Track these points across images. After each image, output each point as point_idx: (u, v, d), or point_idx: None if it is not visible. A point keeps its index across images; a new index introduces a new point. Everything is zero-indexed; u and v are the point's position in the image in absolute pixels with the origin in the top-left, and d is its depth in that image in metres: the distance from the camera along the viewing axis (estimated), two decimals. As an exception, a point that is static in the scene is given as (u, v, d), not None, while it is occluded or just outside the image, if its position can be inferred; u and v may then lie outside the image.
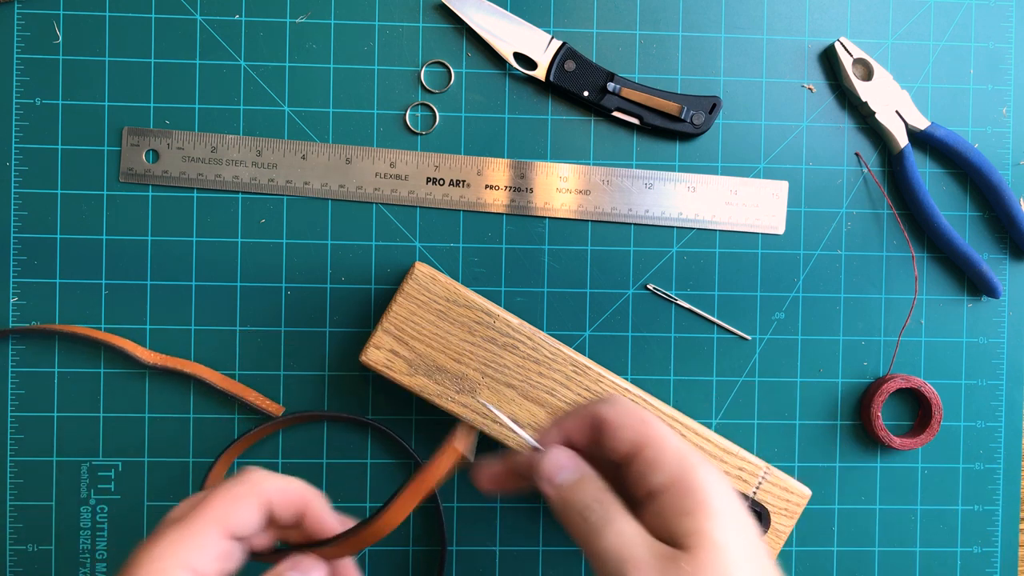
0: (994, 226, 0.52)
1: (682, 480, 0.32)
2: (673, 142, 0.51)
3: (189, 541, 0.31)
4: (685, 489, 0.31)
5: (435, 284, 0.46)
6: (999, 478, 0.52)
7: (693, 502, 0.31)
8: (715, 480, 0.32)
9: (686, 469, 0.32)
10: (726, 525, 0.30)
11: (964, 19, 0.52)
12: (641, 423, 0.34)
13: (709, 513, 0.31)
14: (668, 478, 0.32)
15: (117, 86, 0.49)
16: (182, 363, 0.49)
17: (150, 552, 0.31)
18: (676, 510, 0.31)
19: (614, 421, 0.34)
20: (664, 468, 0.32)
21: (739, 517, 0.31)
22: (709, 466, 0.33)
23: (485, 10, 0.49)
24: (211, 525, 0.32)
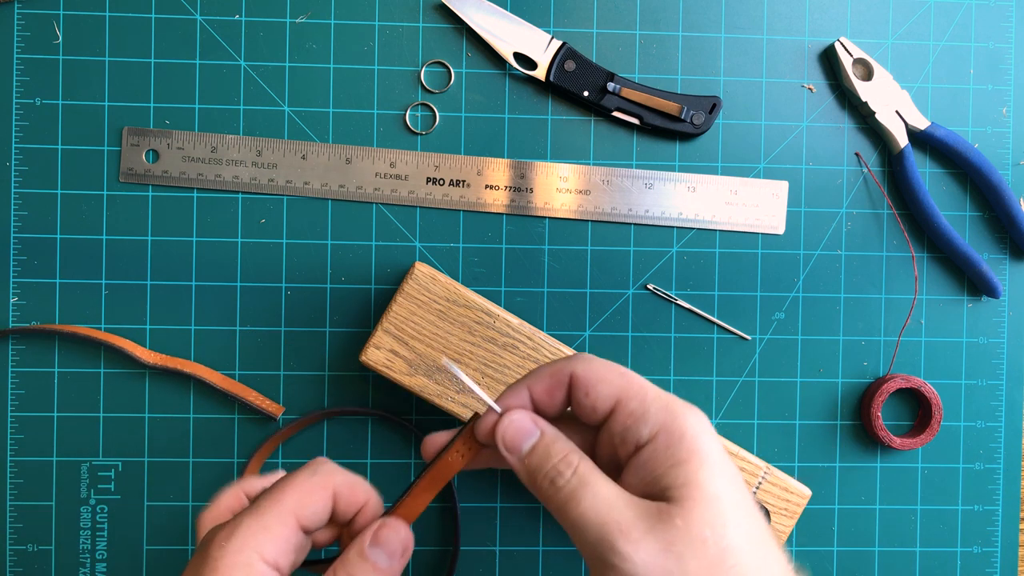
0: (994, 226, 0.52)
1: (670, 428, 0.29)
2: (673, 142, 0.51)
3: (267, 532, 0.30)
4: (674, 437, 0.29)
5: (435, 284, 0.46)
6: (999, 478, 0.52)
7: (684, 450, 0.29)
8: (703, 426, 0.30)
9: (674, 415, 0.29)
10: (718, 473, 0.28)
11: (964, 19, 0.52)
12: (620, 376, 0.31)
13: (701, 461, 0.28)
14: (655, 427, 0.29)
15: (117, 86, 0.49)
16: (182, 363, 0.49)
17: (231, 543, 0.29)
18: (666, 461, 0.29)
19: (590, 377, 0.31)
20: (650, 417, 0.30)
21: (728, 465, 0.29)
22: (695, 412, 0.30)
23: (485, 10, 0.49)
24: (287, 516, 0.31)
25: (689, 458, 0.28)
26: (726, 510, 0.28)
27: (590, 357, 0.32)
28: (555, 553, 0.50)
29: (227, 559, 0.29)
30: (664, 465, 0.29)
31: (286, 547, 0.30)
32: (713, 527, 0.27)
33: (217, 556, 0.29)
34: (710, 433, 0.30)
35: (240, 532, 0.30)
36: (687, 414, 0.30)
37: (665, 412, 0.30)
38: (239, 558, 0.29)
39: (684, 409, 0.30)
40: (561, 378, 0.32)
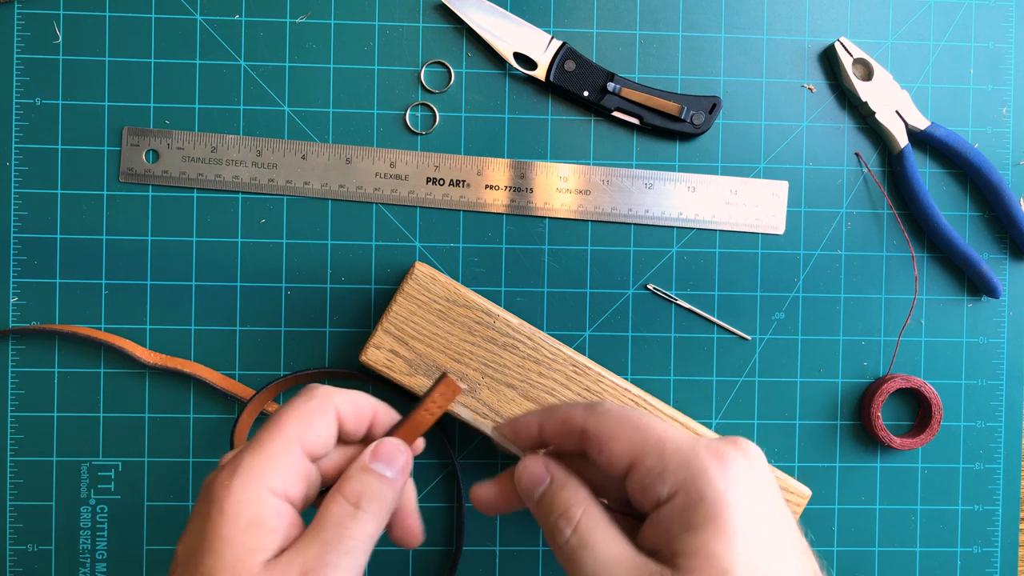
0: (994, 226, 0.52)
1: (689, 488, 0.27)
2: (673, 142, 0.51)
3: (272, 463, 0.29)
4: (692, 498, 0.26)
5: (435, 284, 0.46)
6: (999, 478, 0.52)
7: (702, 515, 0.26)
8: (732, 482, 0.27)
9: (695, 473, 0.27)
10: (738, 543, 0.25)
11: (964, 19, 0.52)
12: (634, 431, 0.29)
13: (718, 529, 0.26)
14: (674, 486, 0.27)
15: (117, 86, 0.49)
16: (182, 363, 0.49)
17: (235, 481, 0.28)
18: (681, 524, 0.26)
19: (602, 434, 0.29)
20: (668, 476, 0.27)
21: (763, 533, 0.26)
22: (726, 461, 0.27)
23: (485, 10, 0.49)
24: (291, 444, 0.29)
25: (706, 524, 0.26)
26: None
27: (605, 410, 0.30)
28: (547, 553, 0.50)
29: (233, 498, 0.28)
30: (679, 528, 0.26)
31: (294, 477, 0.29)
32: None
33: (223, 497, 0.28)
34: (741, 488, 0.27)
35: (243, 469, 0.28)
36: (711, 471, 0.27)
37: (685, 470, 0.27)
38: (246, 495, 0.28)
39: (708, 464, 0.27)
40: (572, 429, 0.30)
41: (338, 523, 0.29)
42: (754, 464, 0.28)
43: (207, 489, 0.29)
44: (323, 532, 0.28)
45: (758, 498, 0.27)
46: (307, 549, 0.28)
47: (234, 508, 0.28)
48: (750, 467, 0.27)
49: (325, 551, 0.28)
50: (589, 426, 0.30)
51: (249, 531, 0.27)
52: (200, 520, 0.28)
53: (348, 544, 0.28)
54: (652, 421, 0.29)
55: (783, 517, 0.27)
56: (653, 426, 0.29)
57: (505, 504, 0.33)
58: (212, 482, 0.29)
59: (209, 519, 0.28)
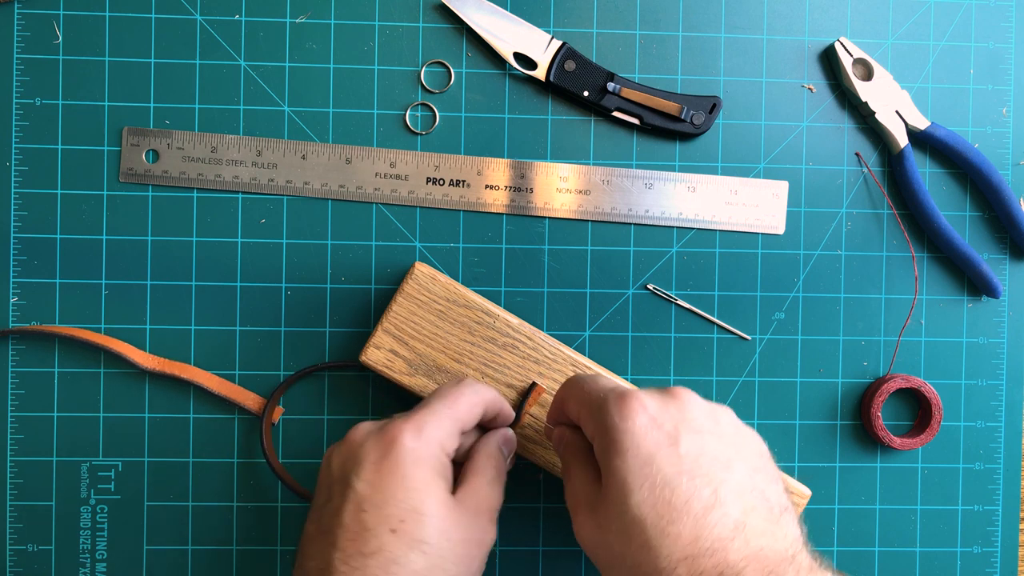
0: (994, 226, 0.52)
1: (599, 426, 0.35)
2: (673, 142, 0.51)
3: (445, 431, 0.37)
4: (601, 434, 0.35)
5: (435, 284, 0.46)
6: (999, 478, 0.52)
7: (606, 443, 0.35)
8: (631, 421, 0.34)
9: (603, 415, 0.35)
10: (630, 459, 0.33)
11: (964, 19, 0.52)
12: (567, 387, 0.39)
13: (617, 450, 0.34)
14: (592, 428, 0.36)
15: (117, 86, 0.49)
16: (180, 367, 0.49)
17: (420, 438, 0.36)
18: (599, 451, 0.35)
19: (559, 396, 0.40)
20: (589, 421, 0.36)
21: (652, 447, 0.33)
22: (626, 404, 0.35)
23: (485, 10, 0.49)
24: (456, 420, 0.38)
25: (608, 448, 0.34)
26: (631, 490, 0.33)
27: (568, 379, 0.40)
28: (555, 553, 0.50)
29: (421, 451, 0.36)
30: (599, 455, 0.35)
31: (454, 444, 0.38)
32: (619, 506, 0.33)
33: (413, 447, 0.36)
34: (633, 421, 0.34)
35: (428, 429, 0.37)
36: (611, 411, 0.35)
37: (597, 414, 0.36)
38: (431, 450, 0.36)
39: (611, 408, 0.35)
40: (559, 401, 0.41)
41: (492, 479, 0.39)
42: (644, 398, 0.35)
43: (393, 439, 0.36)
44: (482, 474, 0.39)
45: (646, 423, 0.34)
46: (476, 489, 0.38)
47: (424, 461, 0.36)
48: (642, 406, 0.35)
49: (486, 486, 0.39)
50: (560, 394, 0.40)
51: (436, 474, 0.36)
52: (388, 464, 0.35)
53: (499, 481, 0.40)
54: (582, 377, 0.39)
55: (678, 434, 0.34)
56: (578, 381, 0.39)
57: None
58: (400, 434, 0.36)
59: (399, 464, 0.35)
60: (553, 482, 0.50)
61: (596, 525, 0.34)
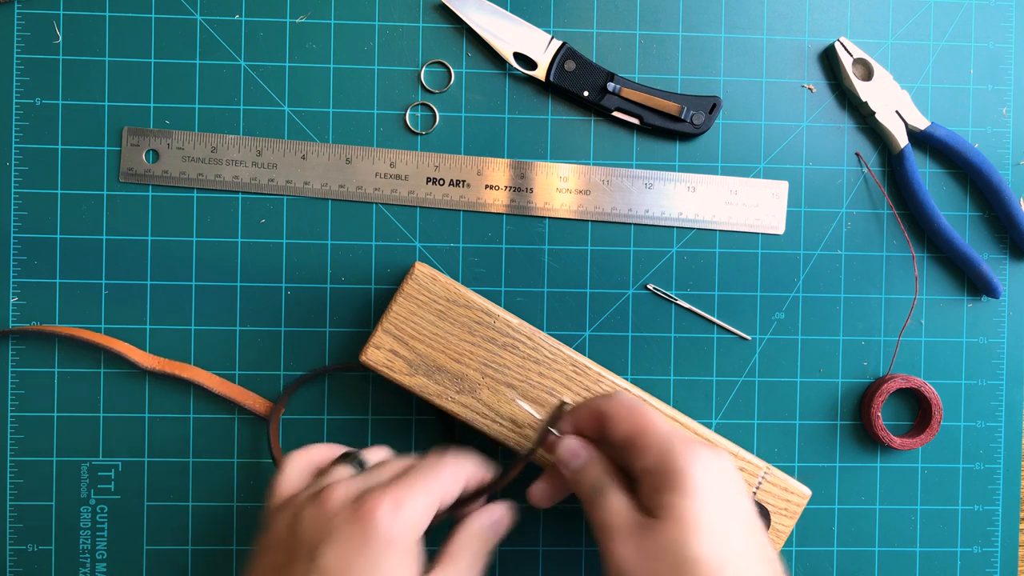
0: (994, 226, 0.52)
1: (664, 464, 0.36)
2: (673, 142, 0.51)
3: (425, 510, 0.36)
4: (666, 472, 0.35)
5: (435, 284, 0.46)
6: (999, 478, 0.52)
7: (670, 482, 0.35)
8: (699, 466, 0.35)
9: (670, 455, 0.36)
10: (697, 503, 0.34)
11: (964, 19, 0.52)
12: (631, 413, 0.38)
13: (683, 491, 0.35)
14: (653, 462, 0.36)
15: (117, 86, 0.49)
16: (180, 367, 0.49)
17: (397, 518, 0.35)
18: (656, 488, 0.35)
19: (612, 414, 0.39)
20: (649, 454, 0.36)
21: (718, 498, 0.35)
22: (700, 455, 0.36)
23: (485, 10, 0.49)
24: (437, 496, 0.37)
25: (673, 488, 0.35)
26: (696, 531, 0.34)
27: (618, 394, 0.40)
28: (555, 553, 0.50)
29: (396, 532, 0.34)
30: (655, 490, 0.35)
31: (428, 521, 0.36)
32: (679, 542, 0.34)
33: (388, 526, 0.34)
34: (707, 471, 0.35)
35: (406, 508, 0.35)
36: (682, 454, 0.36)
37: (664, 450, 0.36)
38: (406, 532, 0.35)
39: (680, 447, 0.36)
40: (595, 412, 0.40)
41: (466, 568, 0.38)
42: (717, 455, 0.37)
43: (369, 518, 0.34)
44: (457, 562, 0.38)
45: (715, 476, 0.35)
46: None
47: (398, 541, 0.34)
48: (712, 455, 0.36)
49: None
50: (605, 407, 0.39)
51: (407, 560, 0.35)
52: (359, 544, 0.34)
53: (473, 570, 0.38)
54: (647, 409, 0.39)
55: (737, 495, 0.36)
56: (647, 414, 0.38)
57: (555, 492, 0.42)
58: (375, 510, 0.34)
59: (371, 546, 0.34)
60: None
61: (644, 554, 0.34)
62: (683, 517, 0.34)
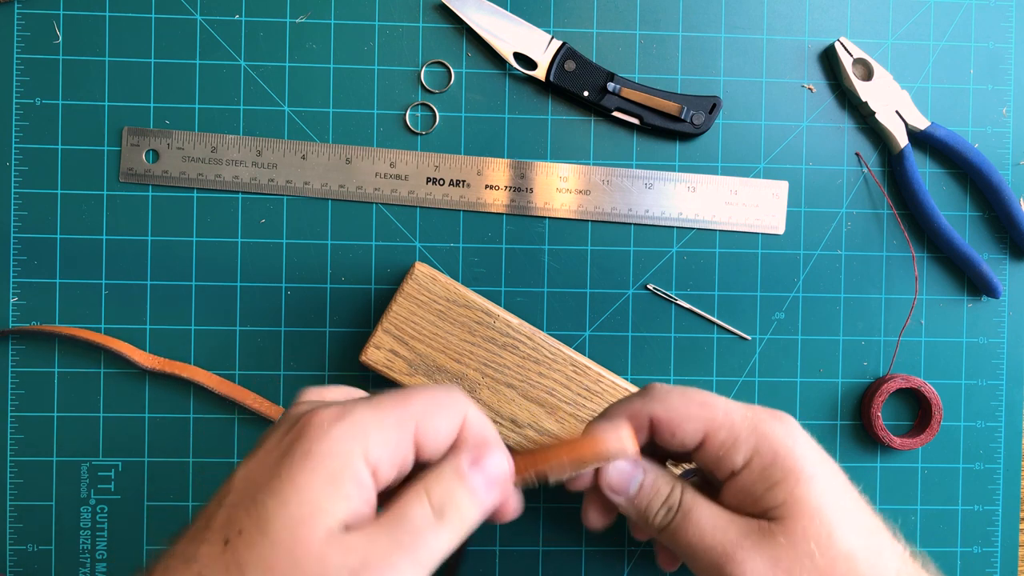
0: (994, 226, 0.52)
1: (762, 451, 0.30)
2: (673, 142, 0.51)
3: (380, 429, 0.26)
4: (767, 459, 0.30)
5: (435, 284, 0.46)
6: (999, 478, 0.52)
7: (779, 471, 0.29)
8: (795, 438, 0.30)
9: (764, 436, 0.30)
10: (818, 485, 0.29)
11: (964, 19, 0.52)
12: (701, 407, 0.31)
13: (797, 478, 0.29)
14: (747, 453, 0.30)
15: (117, 86, 0.49)
16: (180, 367, 0.49)
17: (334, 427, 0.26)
18: (763, 483, 0.29)
19: (673, 419, 0.31)
20: (741, 444, 0.30)
21: (826, 470, 0.30)
22: (784, 423, 0.30)
23: (485, 10, 0.49)
24: (408, 421, 0.27)
25: (785, 477, 0.29)
26: (830, 521, 0.28)
27: (665, 392, 0.32)
28: (555, 553, 0.50)
29: (326, 444, 0.25)
30: (762, 488, 0.29)
31: (393, 455, 0.27)
32: (818, 540, 0.28)
33: (316, 436, 0.25)
34: (803, 442, 0.30)
35: (351, 418, 0.26)
36: (776, 431, 0.30)
37: (755, 435, 0.30)
38: (340, 446, 0.25)
39: (773, 426, 0.30)
40: (641, 421, 0.32)
41: (416, 528, 0.26)
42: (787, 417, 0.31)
43: (301, 424, 0.26)
44: (397, 530, 0.26)
45: (819, 451, 0.30)
46: (375, 541, 0.25)
47: (322, 456, 0.25)
48: (799, 427, 0.31)
49: (393, 551, 0.25)
50: (657, 413, 0.31)
51: (326, 487, 0.25)
52: (277, 453, 0.26)
53: (420, 554, 0.26)
54: (711, 396, 0.32)
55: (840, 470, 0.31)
56: (716, 401, 0.31)
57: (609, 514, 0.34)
58: (313, 416, 0.26)
59: (289, 456, 0.25)
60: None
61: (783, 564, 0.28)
62: (815, 508, 0.29)
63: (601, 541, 0.50)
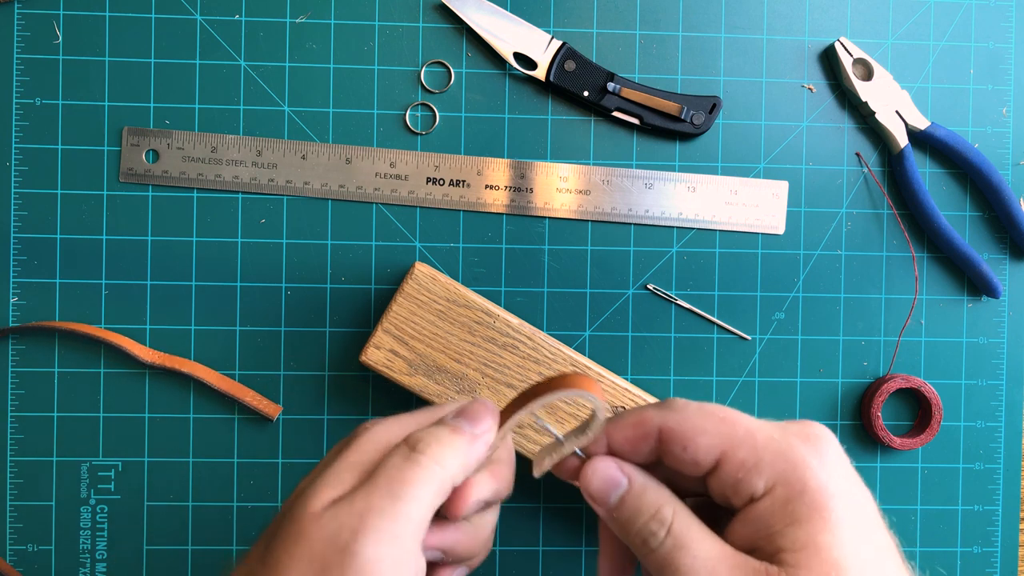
0: (994, 226, 0.52)
1: (789, 479, 0.25)
2: (673, 142, 0.51)
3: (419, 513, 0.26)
4: (794, 491, 0.25)
5: (435, 284, 0.46)
6: (999, 478, 0.52)
7: (805, 507, 0.25)
8: (830, 471, 0.25)
9: (794, 464, 0.25)
10: (847, 536, 0.24)
11: (964, 19, 0.52)
12: (721, 422, 0.27)
13: (824, 521, 0.24)
14: (771, 479, 0.25)
15: (117, 86, 0.49)
16: (181, 362, 0.49)
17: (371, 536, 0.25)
18: (783, 518, 0.25)
19: (687, 430, 0.27)
20: (764, 468, 0.25)
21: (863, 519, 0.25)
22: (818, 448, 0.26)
23: (485, 10, 0.49)
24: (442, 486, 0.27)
25: (810, 516, 0.25)
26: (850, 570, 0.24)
27: (682, 405, 0.28)
28: (555, 553, 0.50)
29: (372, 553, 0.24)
30: (781, 523, 0.25)
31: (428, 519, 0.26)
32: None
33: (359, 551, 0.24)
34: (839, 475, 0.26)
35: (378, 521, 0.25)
36: (808, 459, 0.25)
37: (782, 460, 0.25)
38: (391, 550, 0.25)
39: (804, 453, 0.26)
40: (647, 430, 0.27)
41: (391, 465, 0.26)
42: (839, 448, 0.27)
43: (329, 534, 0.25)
44: (375, 477, 0.26)
45: (854, 485, 0.26)
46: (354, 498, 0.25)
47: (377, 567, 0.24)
48: (840, 452, 0.26)
49: (370, 492, 0.25)
50: (670, 423, 0.27)
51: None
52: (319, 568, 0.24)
53: (397, 488, 0.25)
54: (734, 412, 0.28)
55: (872, 503, 0.27)
56: (738, 417, 0.27)
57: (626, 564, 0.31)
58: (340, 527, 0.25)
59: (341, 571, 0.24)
60: (553, 478, 0.50)
61: None
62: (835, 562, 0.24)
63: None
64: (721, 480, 0.26)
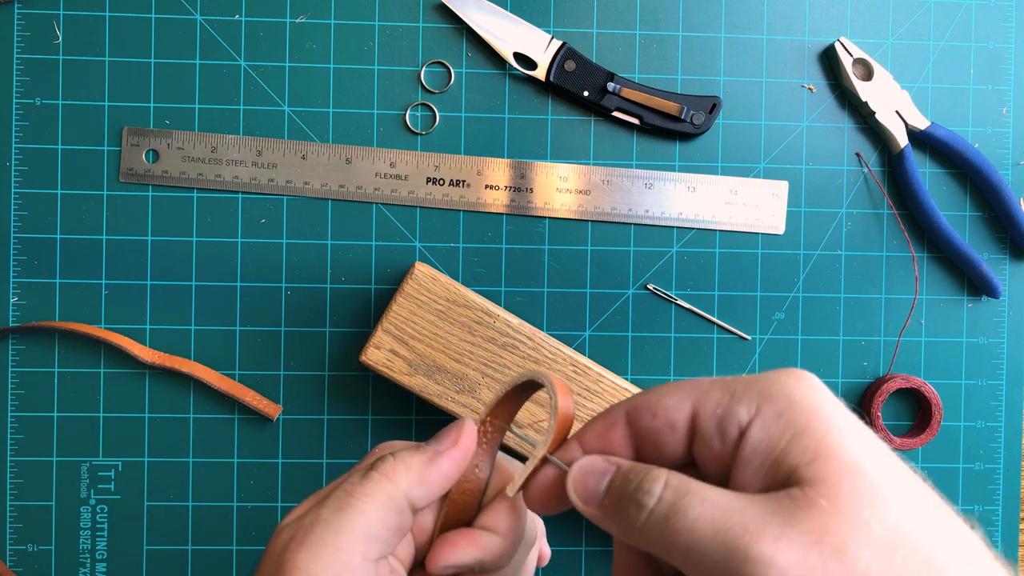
0: (994, 226, 0.52)
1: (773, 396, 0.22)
2: (673, 142, 0.51)
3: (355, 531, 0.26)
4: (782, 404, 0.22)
5: (435, 284, 0.46)
6: (999, 478, 0.52)
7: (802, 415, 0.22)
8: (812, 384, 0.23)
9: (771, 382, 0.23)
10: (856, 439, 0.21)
11: (964, 19, 0.52)
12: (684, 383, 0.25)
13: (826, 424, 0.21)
14: (753, 401, 0.23)
15: (117, 86, 0.49)
16: (181, 362, 0.49)
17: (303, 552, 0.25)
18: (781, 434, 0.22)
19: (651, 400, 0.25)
20: (742, 396, 0.23)
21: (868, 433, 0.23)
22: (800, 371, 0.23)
23: (485, 10, 0.49)
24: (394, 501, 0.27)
25: (809, 421, 0.22)
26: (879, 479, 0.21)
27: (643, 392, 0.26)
28: (555, 553, 0.50)
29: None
30: (781, 440, 0.22)
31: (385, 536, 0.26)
32: (872, 502, 0.20)
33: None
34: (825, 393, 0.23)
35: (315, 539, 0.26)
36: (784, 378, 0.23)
37: (757, 384, 0.23)
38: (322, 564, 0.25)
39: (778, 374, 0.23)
40: (614, 418, 0.25)
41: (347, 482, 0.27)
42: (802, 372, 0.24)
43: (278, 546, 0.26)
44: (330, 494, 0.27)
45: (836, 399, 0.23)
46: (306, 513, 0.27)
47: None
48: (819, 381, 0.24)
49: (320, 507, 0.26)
50: (634, 402, 0.25)
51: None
52: None
53: (344, 500, 0.26)
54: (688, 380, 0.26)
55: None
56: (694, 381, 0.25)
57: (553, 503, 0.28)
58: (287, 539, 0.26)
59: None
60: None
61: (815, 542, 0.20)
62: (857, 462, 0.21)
63: (601, 541, 0.50)
64: (704, 433, 0.24)
